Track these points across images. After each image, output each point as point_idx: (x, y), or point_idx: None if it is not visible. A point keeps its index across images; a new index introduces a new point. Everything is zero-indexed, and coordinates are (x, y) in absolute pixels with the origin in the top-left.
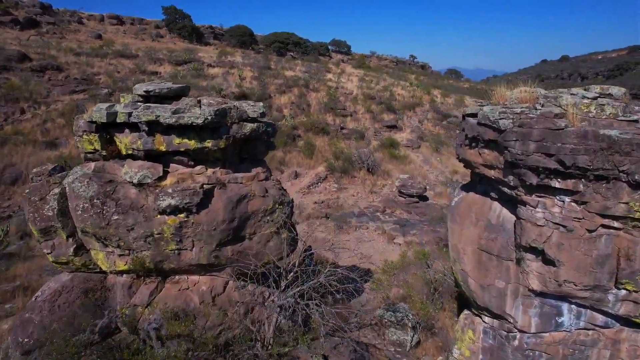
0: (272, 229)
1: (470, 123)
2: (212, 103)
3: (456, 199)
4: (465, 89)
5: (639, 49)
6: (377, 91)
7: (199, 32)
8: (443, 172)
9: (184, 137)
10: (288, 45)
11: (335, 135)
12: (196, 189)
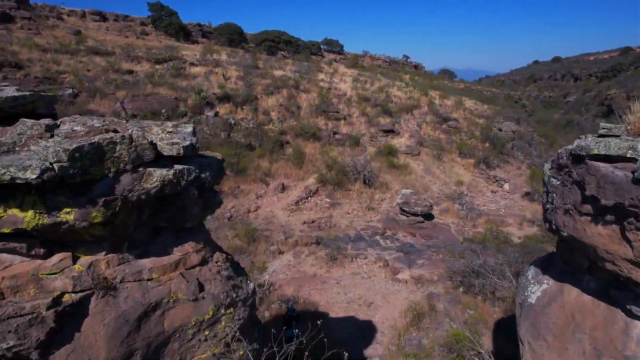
0: (215, 350)
1: (610, 177)
2: (78, 131)
3: (536, 293)
4: (461, 89)
5: (631, 51)
6: (372, 92)
7: (186, 29)
8: (447, 184)
9: (10, 203)
10: (279, 43)
11: (328, 142)
12: (39, 313)
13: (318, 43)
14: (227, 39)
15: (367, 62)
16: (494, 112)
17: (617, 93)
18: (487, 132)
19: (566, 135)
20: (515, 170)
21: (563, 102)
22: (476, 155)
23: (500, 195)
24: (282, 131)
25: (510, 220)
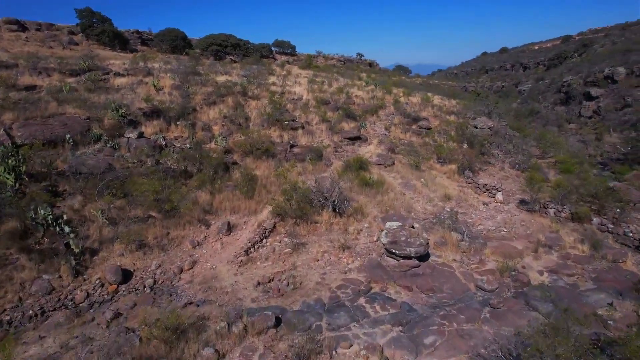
0: None
1: None
2: None
3: None
4: (419, 84)
5: (571, 38)
6: (331, 94)
7: (122, 37)
8: (432, 199)
9: None
10: (227, 47)
11: (285, 158)
12: None
13: (269, 45)
14: (169, 45)
15: (320, 62)
16: (463, 107)
17: (574, 79)
18: (463, 131)
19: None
20: (499, 172)
21: (516, 91)
22: (457, 160)
23: (494, 207)
24: (228, 149)
25: (519, 244)
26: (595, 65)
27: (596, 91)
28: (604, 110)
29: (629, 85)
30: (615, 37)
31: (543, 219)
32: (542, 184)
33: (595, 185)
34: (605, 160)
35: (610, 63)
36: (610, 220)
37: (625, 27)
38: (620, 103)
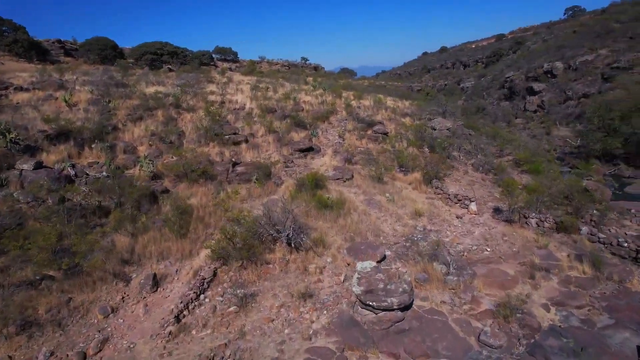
0: None
1: None
2: None
3: None
4: (367, 86)
5: (504, 37)
6: (277, 101)
7: (40, 47)
8: (401, 218)
9: None
10: (162, 55)
11: (227, 179)
12: None
13: (209, 52)
14: (98, 55)
15: (265, 67)
16: (417, 108)
17: (516, 75)
18: (422, 134)
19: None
20: (464, 175)
21: (459, 88)
22: (420, 167)
23: (469, 220)
24: (156, 174)
25: (509, 268)
26: (534, 61)
27: (538, 86)
28: (547, 104)
29: (568, 79)
30: (544, 34)
31: (525, 231)
32: (517, 190)
33: (570, 186)
34: (560, 155)
35: (547, 58)
36: (589, 223)
37: (550, 25)
38: (562, 96)
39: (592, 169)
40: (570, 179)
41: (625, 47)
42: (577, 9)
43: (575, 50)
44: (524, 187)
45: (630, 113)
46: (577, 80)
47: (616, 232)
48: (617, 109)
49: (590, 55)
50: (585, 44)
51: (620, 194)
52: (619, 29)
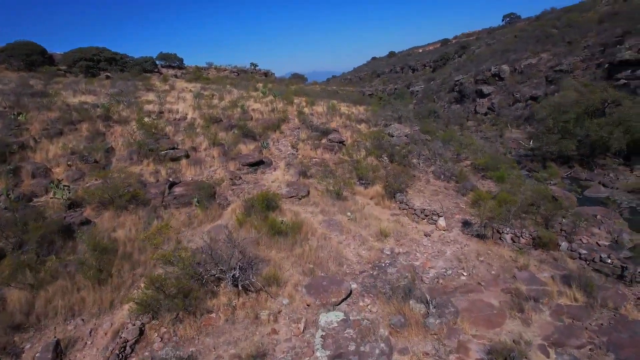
0: None
1: None
2: None
3: None
4: (319, 92)
5: (449, 42)
6: (224, 109)
7: None
8: (365, 240)
9: None
10: (99, 62)
11: (162, 204)
12: None
13: (152, 59)
14: (23, 61)
15: (212, 74)
16: (372, 114)
17: (466, 78)
18: (380, 142)
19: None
20: (426, 185)
21: (409, 92)
22: (381, 179)
23: (439, 237)
24: (74, 202)
25: (493, 299)
26: (482, 64)
27: (487, 88)
28: (497, 106)
29: (514, 81)
30: (487, 39)
31: (501, 249)
32: (489, 202)
33: (538, 193)
34: (516, 157)
35: (493, 62)
36: (560, 234)
37: (490, 31)
38: (511, 99)
39: (554, 173)
40: (538, 187)
41: (565, 51)
42: (513, 16)
43: (519, 53)
44: (493, 198)
45: (584, 115)
46: (524, 82)
47: (589, 243)
48: (572, 111)
49: (533, 59)
50: (528, 48)
51: (580, 198)
52: (557, 34)
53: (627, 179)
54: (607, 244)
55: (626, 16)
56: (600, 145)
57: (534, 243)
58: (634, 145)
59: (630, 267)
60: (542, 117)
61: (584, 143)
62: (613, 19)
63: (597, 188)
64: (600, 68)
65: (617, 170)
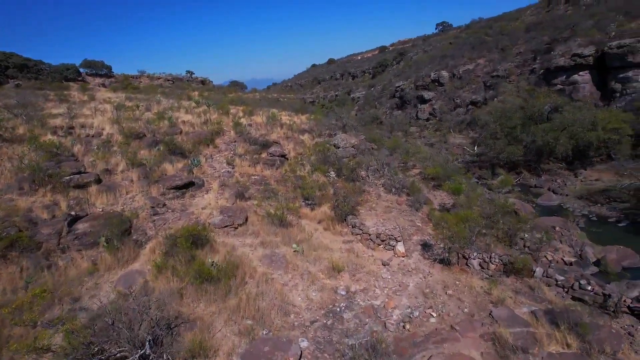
0: None
1: None
2: None
3: None
4: (259, 100)
5: (386, 49)
6: (148, 122)
7: None
8: (316, 279)
9: None
10: (7, 69)
11: (58, 247)
12: None
13: (75, 66)
14: None
15: (145, 82)
16: (315, 123)
17: (406, 84)
18: (326, 155)
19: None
20: (378, 201)
21: (350, 99)
22: (329, 198)
23: (398, 266)
24: None
25: (473, 349)
26: (421, 70)
27: (428, 94)
28: (439, 112)
29: (454, 87)
30: (423, 46)
31: (469, 277)
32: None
33: (499, 207)
34: (463, 164)
35: (432, 68)
36: (523, 249)
37: (425, 38)
38: (452, 104)
39: (507, 182)
40: (498, 200)
41: (499, 57)
42: (446, 24)
43: (456, 59)
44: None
45: (529, 121)
46: (463, 88)
47: (554, 259)
48: (517, 117)
49: (470, 65)
50: (464, 54)
51: (534, 207)
52: (491, 41)
53: (574, 184)
54: (573, 260)
55: (551, 25)
56: (547, 151)
57: (505, 269)
58: (576, 150)
59: (613, 295)
60: (485, 123)
61: (530, 149)
62: (538, 28)
63: (549, 196)
64: (533, 74)
65: (563, 175)
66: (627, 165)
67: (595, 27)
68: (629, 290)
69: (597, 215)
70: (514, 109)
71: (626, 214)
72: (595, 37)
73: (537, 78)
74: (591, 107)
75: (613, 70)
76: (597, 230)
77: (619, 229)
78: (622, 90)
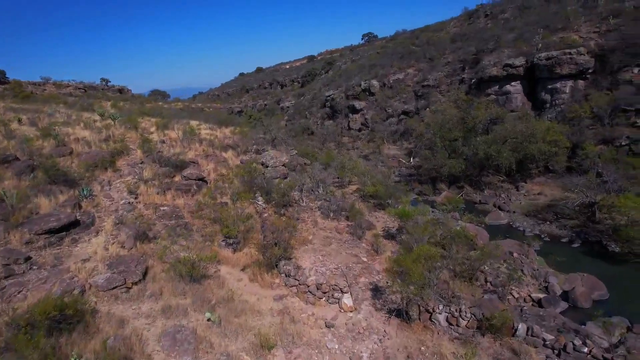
0: None
1: None
2: None
3: None
4: (180, 110)
5: (315, 58)
6: (24, 141)
7: None
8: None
9: None
10: None
11: None
12: None
13: None
14: None
15: (50, 91)
16: (241, 137)
17: (337, 94)
18: (252, 177)
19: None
20: (315, 230)
21: (279, 108)
22: (256, 234)
23: (346, 326)
24: None
25: None
26: (351, 79)
27: (359, 104)
28: (371, 122)
29: (385, 96)
30: (351, 55)
31: (435, 338)
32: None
33: (455, 235)
34: (401, 178)
35: (362, 77)
36: (485, 285)
37: (352, 48)
38: (384, 114)
39: (456, 202)
40: (455, 229)
41: (428, 67)
42: (371, 35)
43: (386, 69)
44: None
45: (470, 133)
46: (394, 97)
47: (520, 296)
48: (457, 129)
49: (400, 74)
50: (393, 64)
51: (482, 227)
52: (419, 51)
53: (518, 199)
54: (541, 297)
55: (475, 36)
56: (490, 164)
57: (480, 325)
58: (516, 163)
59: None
60: (420, 133)
61: (472, 162)
62: (463, 39)
63: (497, 214)
64: (463, 83)
65: (505, 189)
66: (577, 182)
67: (518, 39)
68: (614, 336)
69: (548, 235)
70: (453, 120)
71: (577, 232)
72: (522, 49)
73: (468, 87)
74: (530, 119)
75: (542, 81)
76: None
77: (573, 250)
78: (551, 100)
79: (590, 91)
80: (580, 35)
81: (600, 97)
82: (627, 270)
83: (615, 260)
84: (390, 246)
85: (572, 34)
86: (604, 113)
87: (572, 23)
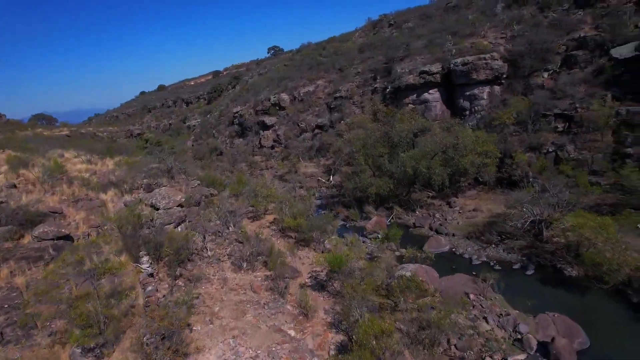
0: None
1: None
2: None
3: None
4: (65, 137)
5: (220, 73)
6: None
7: None
8: None
9: None
10: None
11: None
12: None
13: None
14: None
15: None
16: (128, 169)
17: (244, 109)
18: (136, 231)
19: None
20: (223, 291)
21: (185, 127)
22: (135, 325)
23: None
24: None
25: None
26: (259, 94)
27: (270, 119)
28: (284, 138)
29: (297, 110)
30: (258, 69)
31: None
32: None
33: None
34: (323, 201)
35: (271, 91)
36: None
37: (259, 62)
38: (297, 129)
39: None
40: (405, 279)
41: (339, 78)
42: (277, 48)
43: (295, 81)
44: None
45: (395, 149)
46: (306, 111)
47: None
48: (382, 145)
49: (310, 86)
50: (303, 76)
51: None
52: (328, 62)
53: (454, 219)
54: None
55: (383, 45)
56: (419, 181)
57: None
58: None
59: None
60: (338, 149)
61: (399, 180)
62: (371, 48)
63: (437, 240)
64: (376, 93)
65: (438, 208)
66: (520, 197)
67: (429, 45)
68: None
69: (498, 262)
70: (376, 134)
71: (527, 256)
72: (437, 55)
73: (383, 97)
74: (459, 130)
75: (459, 87)
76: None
77: (528, 279)
78: (470, 107)
79: (507, 96)
80: (489, 41)
81: (519, 102)
82: (592, 299)
83: (576, 286)
84: (322, 302)
85: (481, 40)
86: (527, 119)
87: (478, 29)
